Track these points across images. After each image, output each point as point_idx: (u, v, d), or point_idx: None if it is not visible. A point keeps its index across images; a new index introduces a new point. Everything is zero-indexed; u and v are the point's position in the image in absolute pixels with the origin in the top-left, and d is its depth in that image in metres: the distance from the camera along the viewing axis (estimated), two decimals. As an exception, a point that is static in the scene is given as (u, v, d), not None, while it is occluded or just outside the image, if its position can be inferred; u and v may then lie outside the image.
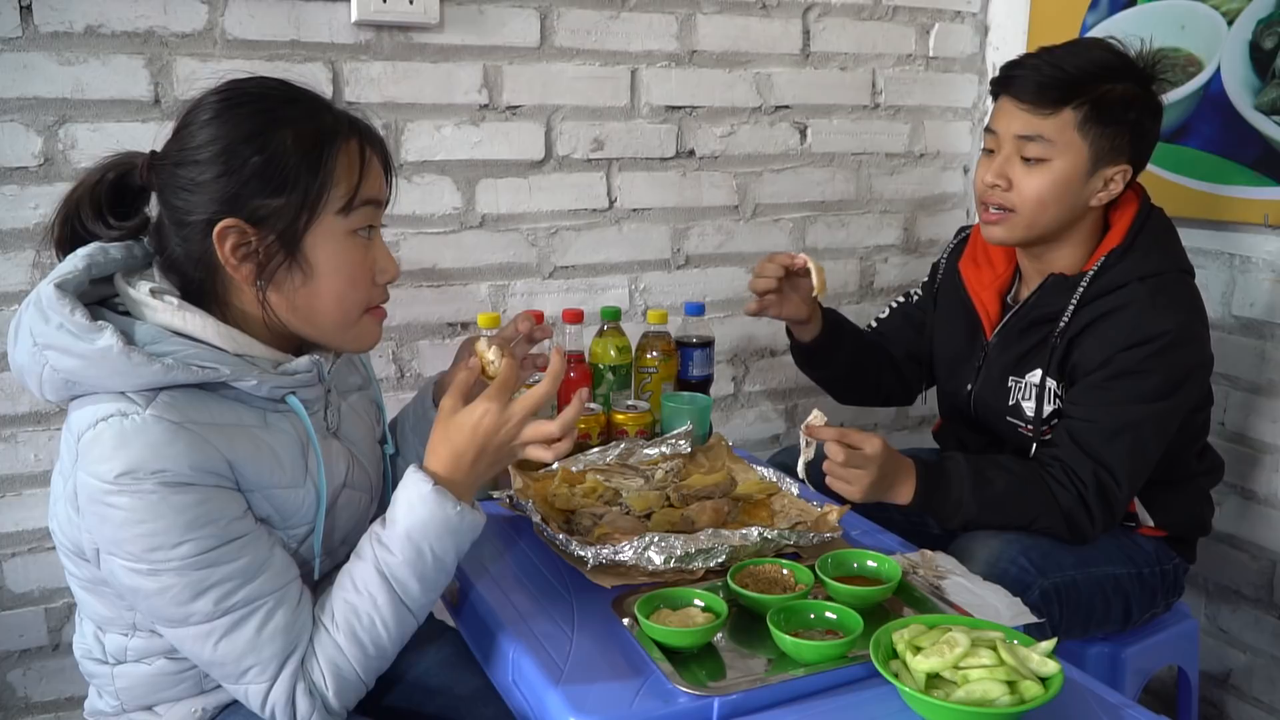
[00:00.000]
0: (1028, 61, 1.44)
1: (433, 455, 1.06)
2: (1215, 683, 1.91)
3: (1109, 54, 1.43)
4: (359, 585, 1.02)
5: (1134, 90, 1.41)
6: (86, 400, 0.96)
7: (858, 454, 1.33)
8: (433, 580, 1.04)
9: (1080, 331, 1.44)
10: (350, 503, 1.13)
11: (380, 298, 1.10)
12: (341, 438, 1.15)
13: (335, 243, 1.02)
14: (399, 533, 1.02)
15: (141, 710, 1.09)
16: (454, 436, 1.05)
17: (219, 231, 0.98)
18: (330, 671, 1.00)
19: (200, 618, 0.97)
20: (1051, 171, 1.42)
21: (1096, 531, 1.41)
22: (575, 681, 1.02)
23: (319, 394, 1.10)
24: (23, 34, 1.51)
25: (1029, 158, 1.43)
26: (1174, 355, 1.38)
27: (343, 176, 1.01)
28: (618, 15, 1.89)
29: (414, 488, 1.03)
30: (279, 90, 1.03)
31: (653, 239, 2.02)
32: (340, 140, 1.01)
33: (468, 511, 1.04)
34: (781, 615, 1.08)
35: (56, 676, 1.71)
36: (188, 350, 0.97)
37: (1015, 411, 1.52)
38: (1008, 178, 1.44)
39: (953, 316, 1.66)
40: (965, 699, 0.92)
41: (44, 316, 0.96)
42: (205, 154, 0.98)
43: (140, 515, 0.92)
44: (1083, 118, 1.40)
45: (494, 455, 1.06)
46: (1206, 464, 1.58)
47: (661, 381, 1.69)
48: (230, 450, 0.97)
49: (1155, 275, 1.41)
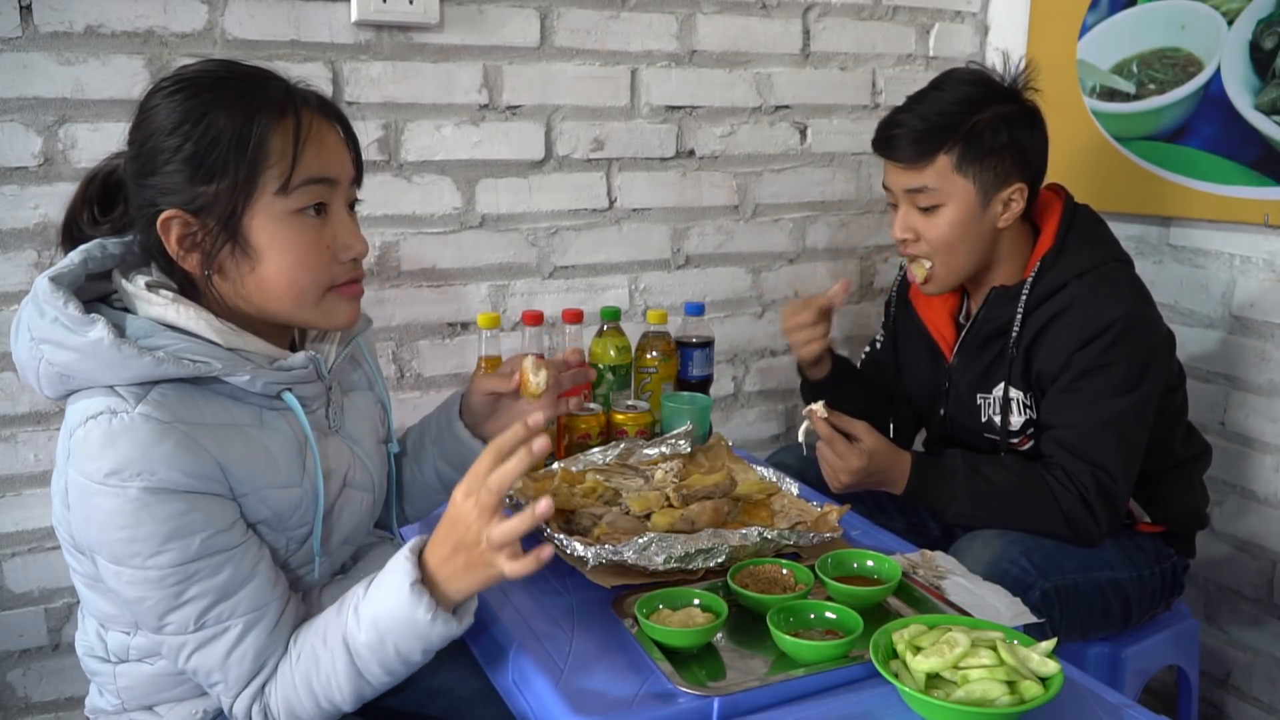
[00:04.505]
0: (896, 119, 1.47)
1: (434, 542, 0.98)
2: (1215, 683, 1.91)
3: (969, 85, 1.46)
4: (328, 639, 0.98)
5: (1002, 111, 1.44)
6: (80, 396, 0.96)
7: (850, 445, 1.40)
8: (395, 668, 0.98)
9: (1034, 340, 1.47)
10: (351, 503, 1.12)
11: (345, 274, 1.05)
12: (344, 436, 1.14)
13: (277, 224, 0.98)
14: (369, 615, 0.96)
15: (142, 710, 1.09)
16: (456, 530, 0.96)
17: (162, 223, 0.97)
18: (285, 708, 1.00)
19: (174, 629, 0.97)
20: (947, 215, 1.46)
21: (1102, 532, 1.42)
22: (575, 681, 1.02)
23: (319, 391, 1.09)
24: (23, 34, 1.51)
25: (923, 207, 1.47)
26: (1130, 342, 1.40)
27: (277, 156, 0.97)
28: (618, 15, 1.89)
29: (397, 575, 0.96)
30: (213, 73, 1.00)
31: (653, 239, 2.02)
32: (270, 118, 0.97)
33: (440, 623, 0.95)
34: (781, 615, 1.08)
35: (56, 676, 1.71)
36: (180, 344, 0.96)
37: (989, 427, 1.54)
38: (913, 229, 1.49)
39: (913, 347, 1.69)
40: (965, 699, 0.92)
41: (39, 310, 0.96)
42: (147, 146, 0.98)
43: (122, 520, 0.92)
44: (958, 158, 1.43)
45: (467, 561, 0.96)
46: (1193, 448, 1.59)
47: (661, 381, 1.69)
48: (221, 451, 0.96)
49: (1092, 270, 1.44)
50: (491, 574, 0.95)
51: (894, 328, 1.73)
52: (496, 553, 0.93)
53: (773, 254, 2.13)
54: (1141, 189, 1.88)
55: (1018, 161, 1.45)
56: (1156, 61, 1.84)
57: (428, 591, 0.95)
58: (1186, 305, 1.85)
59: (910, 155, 1.45)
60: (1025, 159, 1.46)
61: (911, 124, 1.45)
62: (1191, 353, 1.84)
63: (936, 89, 1.48)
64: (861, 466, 1.40)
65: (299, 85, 1.03)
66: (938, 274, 1.50)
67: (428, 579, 0.96)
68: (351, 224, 1.05)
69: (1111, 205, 1.90)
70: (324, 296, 1.04)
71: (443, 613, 0.95)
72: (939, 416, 1.63)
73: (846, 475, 1.41)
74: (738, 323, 2.13)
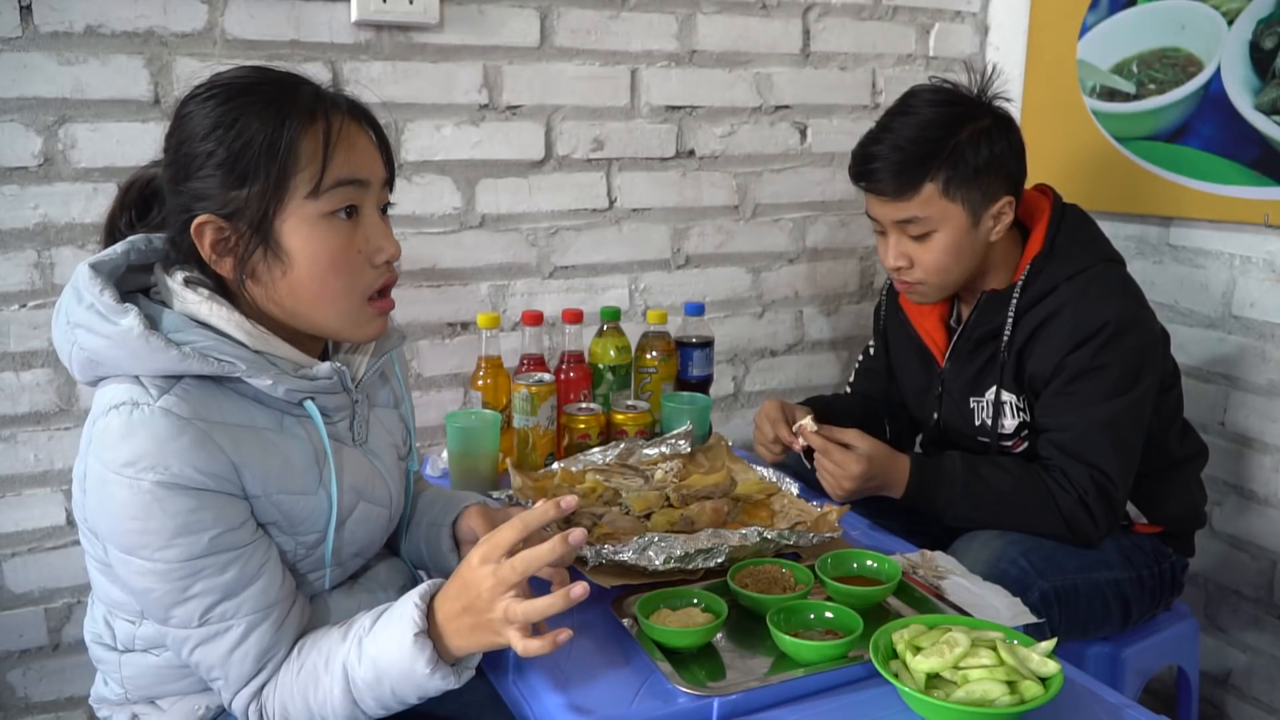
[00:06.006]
0: (872, 151, 1.43)
1: (446, 596, 0.97)
2: (1215, 683, 1.91)
3: (940, 106, 1.43)
4: (330, 663, 0.98)
5: (979, 127, 1.42)
6: (108, 383, 0.97)
7: (847, 453, 1.39)
8: (391, 705, 0.98)
9: (1025, 342, 1.46)
10: (367, 517, 1.11)
11: (378, 279, 1.05)
12: (366, 450, 1.13)
13: (309, 228, 0.99)
14: (371, 654, 0.96)
15: (145, 702, 1.09)
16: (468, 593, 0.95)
17: (196, 228, 0.98)
18: (280, 713, 1.00)
19: (178, 622, 0.97)
20: (940, 240, 1.44)
21: (1101, 533, 1.42)
22: (575, 682, 1.02)
23: (343, 402, 1.08)
24: (23, 34, 1.51)
25: (914, 235, 1.45)
26: (1123, 343, 1.39)
27: (307, 159, 0.98)
28: (618, 15, 1.89)
29: (404, 621, 0.95)
30: (245, 79, 1.01)
31: (653, 239, 2.02)
32: (301, 122, 0.98)
33: (439, 677, 0.94)
34: (781, 615, 1.08)
35: (56, 676, 1.71)
36: (208, 341, 0.97)
37: (984, 430, 1.54)
38: (908, 257, 1.47)
39: (905, 352, 1.68)
40: (965, 699, 0.92)
41: (77, 296, 0.98)
42: (181, 152, 0.99)
43: (133, 511, 0.92)
44: (943, 184, 1.41)
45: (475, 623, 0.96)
46: (1189, 447, 1.59)
47: (661, 381, 1.69)
48: (236, 451, 0.96)
49: (1082, 272, 1.43)
50: (498, 641, 0.94)
51: (885, 334, 1.73)
52: (508, 625, 0.92)
53: (773, 254, 2.13)
54: (1141, 189, 1.88)
55: (1001, 175, 1.43)
56: (1156, 61, 1.84)
57: (431, 644, 0.94)
58: (1186, 305, 1.85)
59: (894, 188, 1.42)
60: (1007, 171, 1.44)
61: (889, 156, 1.41)
62: (1191, 353, 1.84)
63: (904, 114, 1.44)
64: (862, 471, 1.39)
65: (330, 89, 1.04)
66: (929, 291, 1.50)
67: (434, 629, 0.96)
68: (384, 227, 1.05)
69: (1111, 205, 1.91)
70: (358, 306, 1.04)
71: (443, 666, 0.95)
72: (933, 421, 1.63)
73: (849, 482, 1.40)
74: (738, 323, 2.13)
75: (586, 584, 0.93)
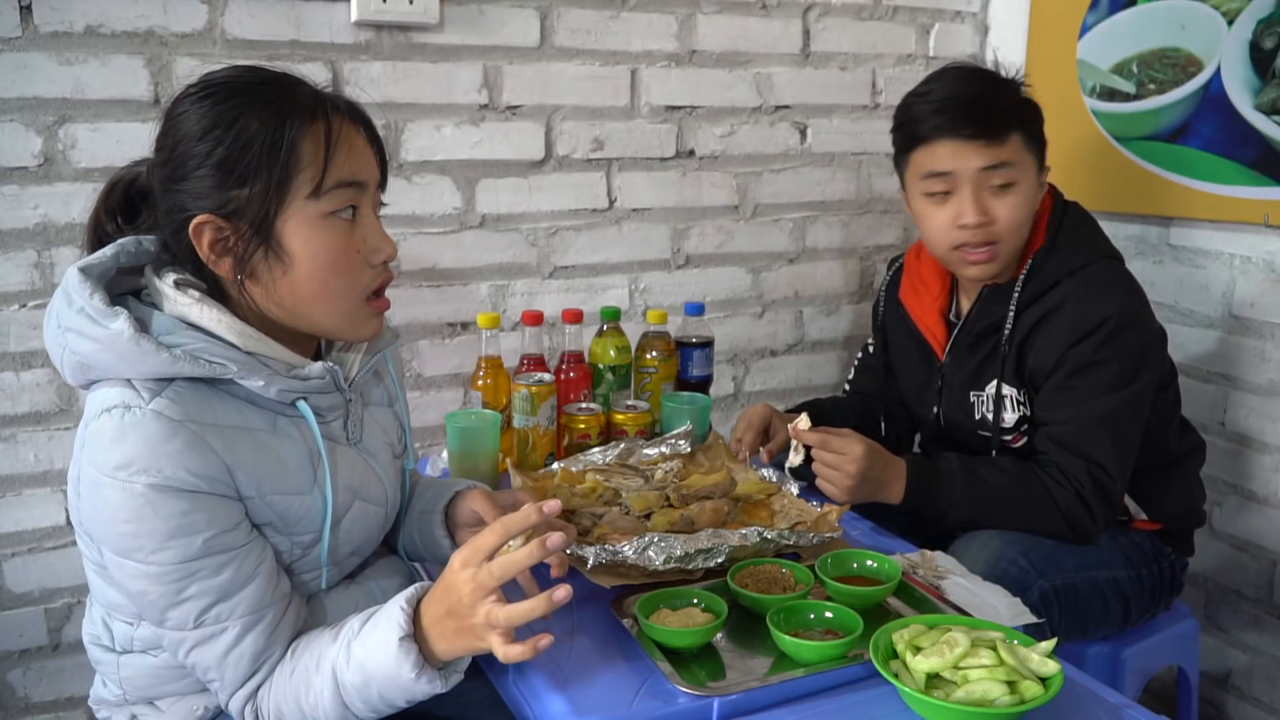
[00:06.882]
0: (960, 95, 1.41)
1: (432, 599, 0.96)
2: (1215, 683, 1.91)
3: (997, 75, 1.46)
4: (320, 665, 0.98)
5: (1031, 101, 1.46)
6: (100, 387, 0.97)
7: (842, 457, 1.37)
8: (380, 708, 0.97)
9: (1026, 336, 1.46)
10: (363, 516, 1.11)
11: (377, 279, 1.06)
12: (361, 449, 1.13)
13: (310, 228, 0.99)
14: (359, 657, 0.95)
15: (144, 703, 1.09)
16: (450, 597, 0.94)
17: (194, 228, 0.98)
18: (275, 715, 1.00)
19: (174, 624, 0.97)
20: (1020, 193, 1.44)
21: (1099, 528, 1.42)
22: (575, 682, 1.02)
23: (336, 402, 1.08)
24: (23, 34, 1.51)
25: (997, 185, 1.42)
26: (1123, 339, 1.40)
27: (309, 160, 0.98)
28: (618, 15, 1.89)
29: (390, 625, 0.94)
30: (240, 79, 1.00)
31: (653, 239, 2.02)
32: (302, 123, 0.98)
33: (425, 681, 0.94)
34: (781, 615, 1.08)
35: (56, 676, 1.71)
36: (198, 344, 0.97)
37: (984, 424, 1.54)
38: (987, 211, 1.43)
39: (905, 348, 1.68)
40: (965, 699, 0.92)
41: (68, 299, 0.97)
42: (176, 152, 0.98)
43: (125, 514, 0.92)
44: (1025, 134, 1.43)
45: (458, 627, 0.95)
46: (1187, 444, 1.59)
47: (661, 381, 1.69)
48: (229, 453, 0.96)
49: (1083, 267, 1.44)
50: (481, 646, 0.93)
51: (884, 330, 1.73)
52: (490, 630, 0.91)
53: (773, 254, 2.14)
54: (1141, 189, 1.88)
55: (1044, 146, 1.47)
56: (1156, 61, 1.84)
57: (416, 648, 0.94)
58: (1186, 305, 1.85)
59: (990, 129, 1.39)
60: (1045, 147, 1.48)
61: (988, 98, 1.40)
62: (1191, 352, 1.84)
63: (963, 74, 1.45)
64: (863, 454, 1.36)
65: (326, 90, 1.04)
66: (1003, 254, 1.46)
67: (420, 633, 0.95)
68: (380, 227, 1.06)
69: (1111, 205, 1.91)
70: (356, 305, 1.04)
71: (429, 670, 0.94)
72: (933, 416, 1.63)
73: (852, 465, 1.37)
74: (738, 323, 2.13)
75: (570, 587, 0.92)
